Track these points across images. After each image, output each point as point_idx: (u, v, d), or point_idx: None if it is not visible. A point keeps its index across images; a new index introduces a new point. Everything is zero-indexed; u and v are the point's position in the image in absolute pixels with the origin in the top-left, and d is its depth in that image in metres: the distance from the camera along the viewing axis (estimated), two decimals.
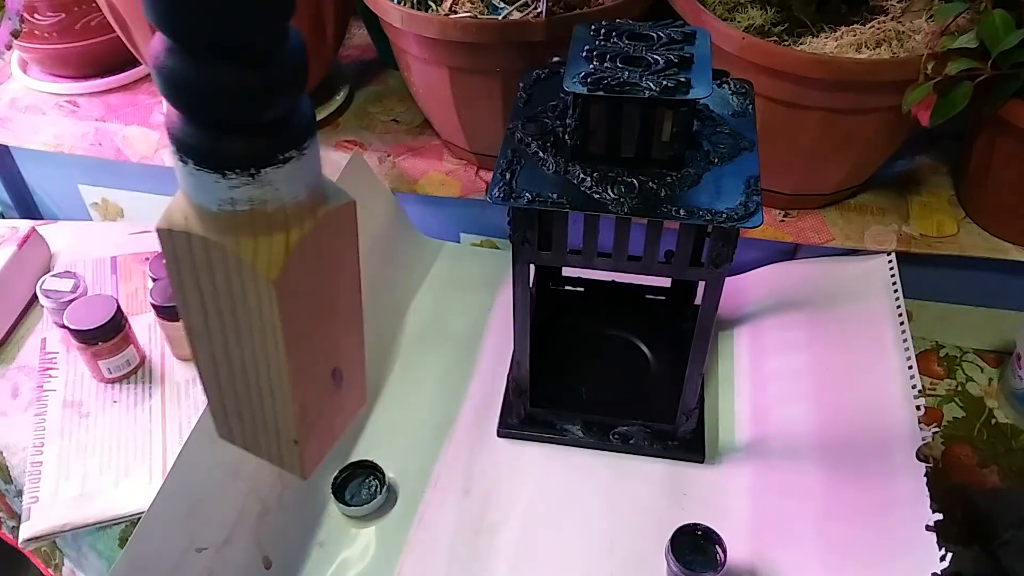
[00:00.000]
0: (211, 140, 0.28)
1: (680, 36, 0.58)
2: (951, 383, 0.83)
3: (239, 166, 0.29)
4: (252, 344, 0.33)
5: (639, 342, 0.83)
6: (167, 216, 0.31)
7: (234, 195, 0.29)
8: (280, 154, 0.29)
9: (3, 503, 0.82)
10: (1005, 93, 0.68)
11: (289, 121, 0.29)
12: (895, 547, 0.60)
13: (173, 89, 0.27)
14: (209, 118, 0.28)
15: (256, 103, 0.28)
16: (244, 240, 0.30)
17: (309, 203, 0.31)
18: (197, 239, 0.30)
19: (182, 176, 0.30)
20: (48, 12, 0.93)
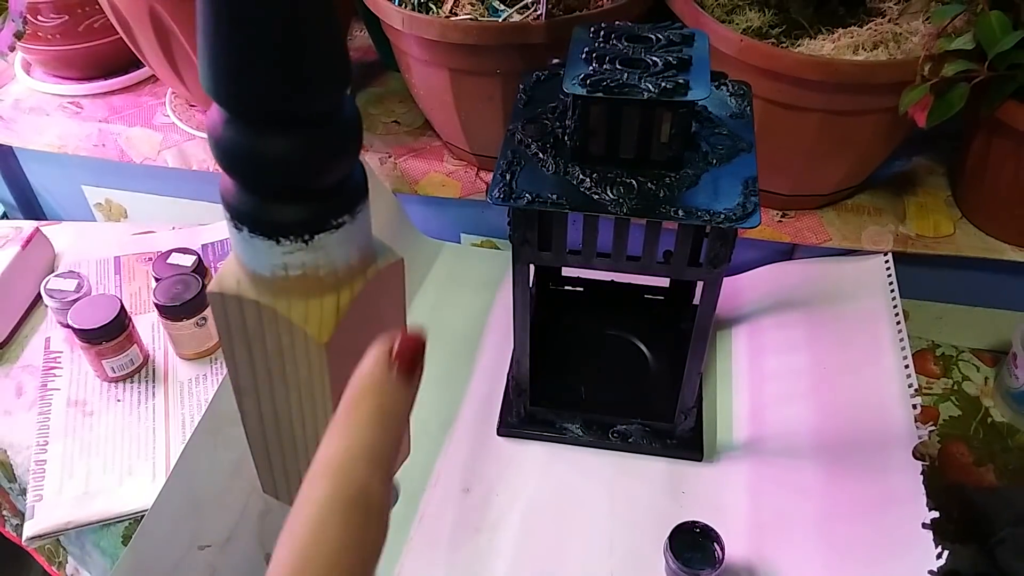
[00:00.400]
0: (266, 208, 0.29)
1: (679, 38, 0.58)
2: (947, 382, 0.83)
3: (293, 233, 0.29)
4: (300, 401, 0.33)
5: (638, 341, 0.84)
6: (219, 280, 0.31)
7: (287, 261, 0.30)
8: (333, 220, 0.29)
9: (7, 501, 0.82)
10: (1001, 94, 0.68)
11: (342, 187, 0.30)
12: (892, 545, 0.61)
13: (229, 159, 0.27)
14: (265, 187, 0.28)
15: (311, 172, 0.28)
16: (296, 303, 0.31)
17: (359, 264, 0.32)
18: (249, 303, 0.31)
19: (236, 242, 0.30)
20: (51, 14, 0.94)
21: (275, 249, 0.29)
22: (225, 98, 0.26)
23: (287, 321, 0.30)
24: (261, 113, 0.26)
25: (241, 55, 0.25)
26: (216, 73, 0.26)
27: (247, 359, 0.33)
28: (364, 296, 0.32)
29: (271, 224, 0.29)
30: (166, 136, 0.97)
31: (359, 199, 0.31)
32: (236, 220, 0.29)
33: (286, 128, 0.27)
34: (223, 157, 0.28)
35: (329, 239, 0.30)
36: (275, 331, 0.31)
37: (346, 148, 0.29)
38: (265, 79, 0.25)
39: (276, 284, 0.30)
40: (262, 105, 0.26)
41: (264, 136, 0.27)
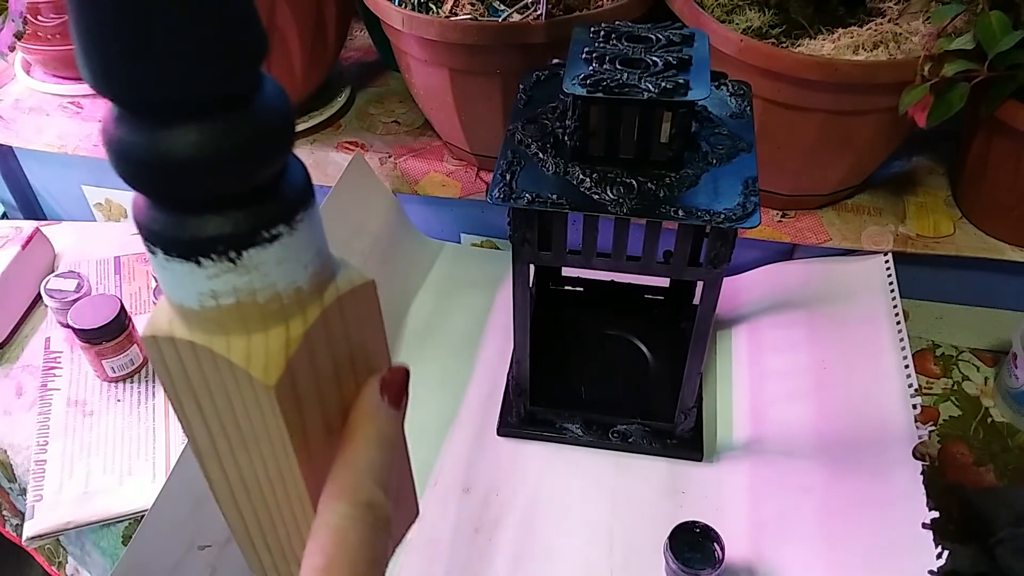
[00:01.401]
0: (179, 223, 0.23)
1: (679, 38, 0.58)
2: (947, 382, 0.83)
3: (214, 250, 0.23)
4: (263, 460, 0.28)
5: (638, 341, 0.84)
6: (151, 322, 0.26)
7: (214, 287, 0.24)
8: (264, 231, 0.24)
9: (7, 501, 0.82)
10: (1002, 94, 0.68)
11: (274, 190, 0.24)
12: (892, 545, 0.61)
13: (126, 164, 0.22)
14: (172, 197, 0.23)
15: (228, 171, 0.22)
16: (236, 340, 0.25)
17: (312, 286, 0.26)
18: (184, 344, 0.25)
19: (156, 270, 0.25)
20: (51, 14, 0.94)
21: (198, 273, 0.24)
22: (109, 87, 0.21)
23: (227, 363, 0.25)
24: (156, 102, 0.21)
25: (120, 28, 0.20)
26: (93, 56, 0.20)
27: (198, 414, 0.28)
28: (323, 326, 0.26)
29: (187, 243, 0.23)
30: None
31: (299, 205, 0.25)
32: (148, 242, 0.24)
33: (190, 118, 0.21)
34: (118, 163, 0.22)
35: (263, 256, 0.24)
36: (218, 376, 0.26)
37: (270, 139, 0.23)
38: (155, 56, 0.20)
39: (209, 318, 0.25)
40: (156, 91, 0.21)
41: (163, 131, 0.21)
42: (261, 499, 0.30)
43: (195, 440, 0.29)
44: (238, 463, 0.29)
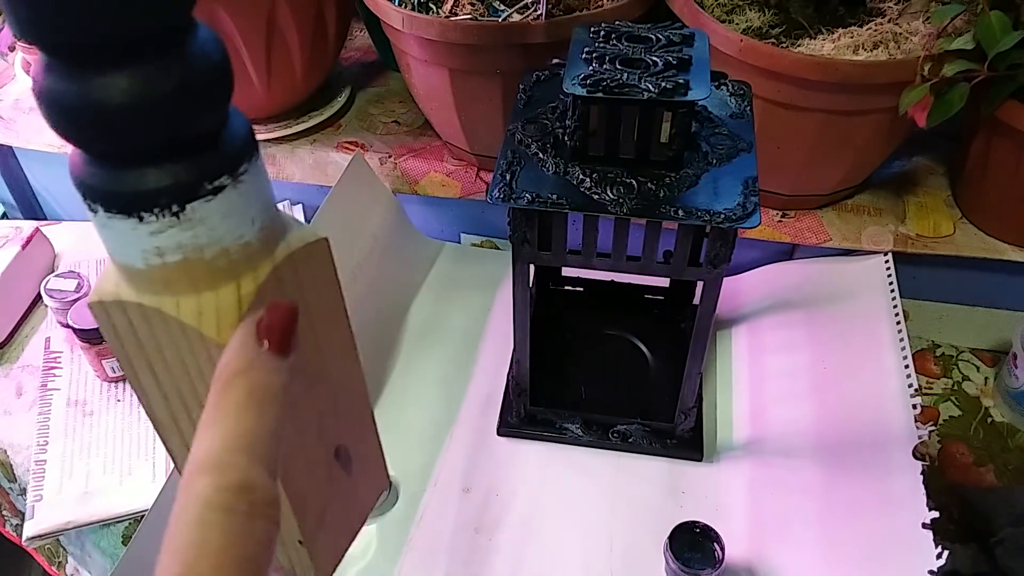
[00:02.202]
0: (117, 176, 0.22)
1: (679, 38, 0.58)
2: (947, 382, 0.83)
3: (156, 204, 0.22)
4: None
5: (638, 341, 0.84)
6: (97, 287, 0.25)
7: (159, 243, 0.23)
8: (206, 183, 0.23)
9: (7, 501, 0.82)
10: (1002, 94, 0.68)
11: (214, 140, 0.23)
12: (892, 545, 0.61)
13: (58, 114, 0.21)
14: (108, 148, 0.22)
15: (162, 117, 0.22)
16: (185, 299, 0.24)
17: (262, 242, 0.25)
18: (132, 307, 0.25)
19: (98, 230, 0.24)
20: None
21: (140, 229, 0.23)
22: (36, 33, 0.20)
23: (178, 323, 0.24)
24: (83, 46, 0.20)
25: None
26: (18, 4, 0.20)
27: (153, 381, 0.27)
28: (275, 283, 0.25)
29: (127, 196, 0.22)
30: None
31: (243, 156, 0.24)
32: (88, 200, 0.23)
33: (119, 62, 0.21)
34: (49, 113, 0.21)
35: (207, 208, 0.23)
36: (169, 339, 0.25)
37: (206, 84, 0.22)
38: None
39: (156, 277, 0.24)
40: (81, 34, 0.20)
41: (93, 77, 0.20)
42: None
43: (152, 409, 0.28)
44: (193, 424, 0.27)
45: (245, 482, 0.21)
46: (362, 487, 0.34)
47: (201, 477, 0.21)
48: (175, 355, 0.25)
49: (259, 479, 0.22)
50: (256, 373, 0.23)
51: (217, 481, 0.21)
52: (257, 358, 0.24)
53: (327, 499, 0.31)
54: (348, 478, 0.32)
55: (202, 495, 0.21)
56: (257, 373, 0.23)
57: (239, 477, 0.21)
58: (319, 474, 0.31)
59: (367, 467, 0.34)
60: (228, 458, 0.22)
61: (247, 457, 0.22)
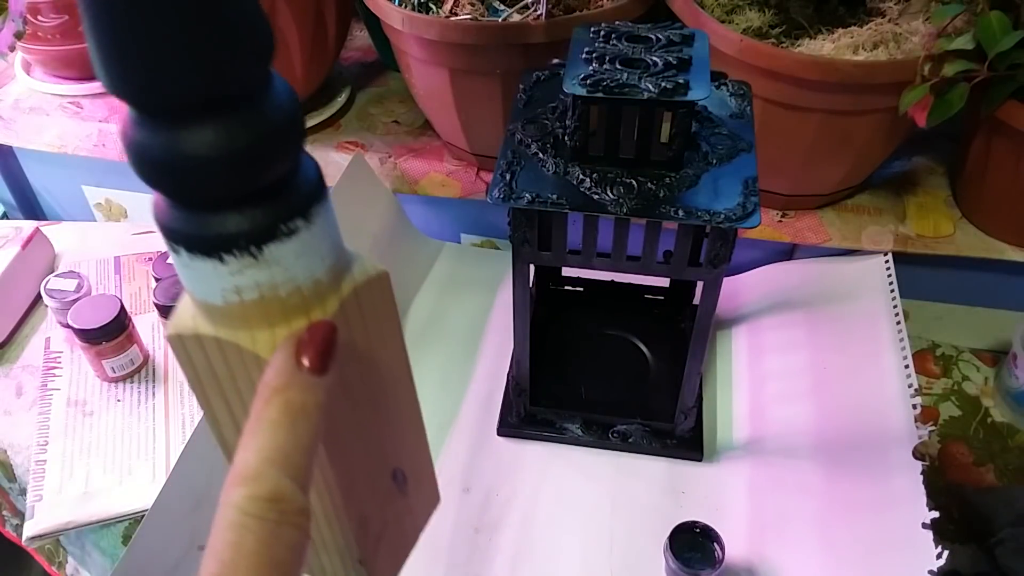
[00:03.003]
0: (200, 221, 0.24)
1: (679, 38, 0.58)
2: (947, 382, 0.83)
3: (237, 246, 0.24)
4: None
5: (638, 341, 0.84)
6: (174, 321, 0.27)
7: (238, 282, 0.25)
8: (283, 225, 0.25)
9: (7, 501, 0.82)
10: (1002, 94, 0.68)
11: (289, 185, 0.25)
12: (892, 544, 0.61)
13: (145, 166, 0.23)
14: (193, 196, 0.24)
15: (243, 168, 0.23)
16: (260, 333, 0.26)
17: (330, 279, 0.27)
18: (209, 340, 0.26)
19: (179, 269, 0.26)
20: (51, 14, 0.94)
21: (221, 270, 0.24)
22: (125, 89, 0.21)
23: (253, 356, 0.26)
24: (175, 102, 0.22)
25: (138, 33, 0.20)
26: (112, 62, 0.21)
27: (224, 407, 0.28)
28: (342, 317, 0.27)
29: (209, 240, 0.24)
30: None
31: (314, 199, 0.25)
32: (171, 241, 0.25)
33: (204, 117, 0.22)
34: (137, 164, 0.23)
35: (283, 250, 0.25)
36: (244, 370, 0.27)
37: (282, 135, 0.24)
38: (172, 57, 0.21)
39: (234, 313, 0.26)
40: (175, 91, 0.21)
41: (180, 131, 0.22)
42: None
43: (222, 432, 0.30)
44: None
45: (276, 493, 0.23)
46: (417, 505, 0.36)
47: (237, 487, 0.23)
48: (248, 386, 0.27)
49: (289, 491, 0.24)
50: (292, 391, 0.25)
51: (250, 491, 0.23)
52: (294, 376, 0.25)
53: (385, 519, 0.33)
54: (404, 498, 0.34)
55: (237, 504, 0.23)
56: (293, 391, 0.25)
57: (270, 488, 0.23)
58: (378, 496, 0.32)
59: (421, 486, 0.36)
60: (262, 470, 0.24)
61: (279, 470, 0.24)
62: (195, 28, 0.21)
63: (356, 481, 0.30)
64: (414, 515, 0.36)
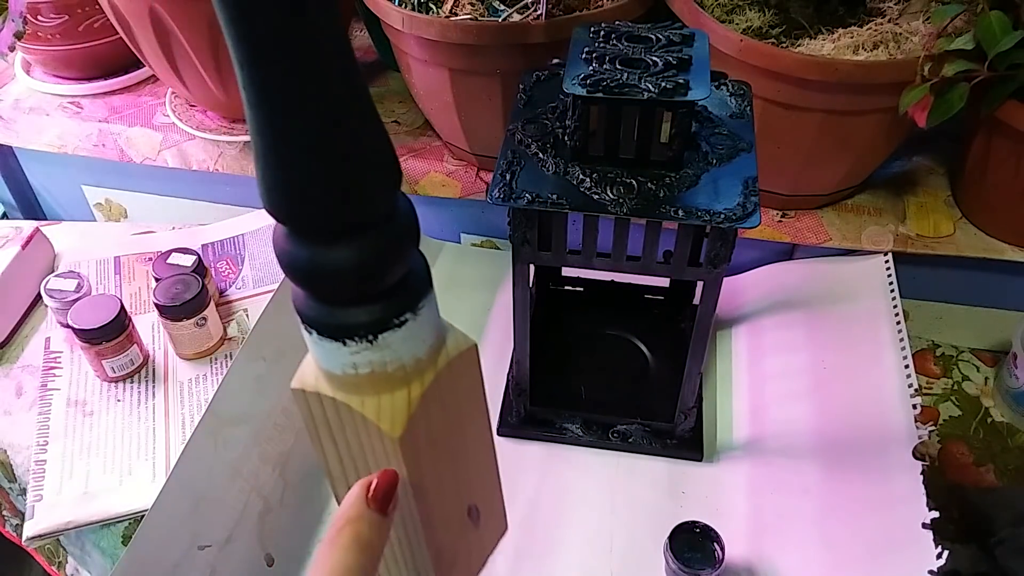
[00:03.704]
0: (331, 313, 0.29)
1: (679, 38, 0.58)
2: (947, 382, 0.83)
3: (358, 335, 0.29)
4: None
5: (638, 341, 0.84)
6: (300, 376, 0.33)
7: (356, 360, 0.30)
8: (396, 319, 0.30)
9: (7, 501, 0.82)
10: (1002, 94, 0.68)
11: (404, 284, 0.30)
12: (892, 545, 0.61)
13: (293, 271, 0.28)
14: (326, 295, 0.29)
15: (373, 276, 0.28)
16: (368, 399, 0.31)
17: (429, 356, 0.32)
18: (327, 399, 0.32)
19: (308, 343, 0.31)
20: (51, 14, 0.94)
21: (343, 350, 0.30)
22: (284, 216, 0.27)
23: (361, 416, 0.31)
24: (320, 227, 0.27)
25: (295, 172, 0.25)
26: (272, 192, 0.26)
27: (334, 450, 0.34)
28: (436, 386, 0.32)
29: (337, 327, 0.30)
30: (166, 136, 0.97)
31: (422, 294, 0.31)
32: (306, 324, 0.30)
33: (346, 238, 0.27)
34: (287, 269, 0.28)
35: (393, 337, 0.30)
36: (353, 425, 0.32)
37: (405, 247, 0.29)
38: (321, 194, 0.26)
39: (348, 381, 0.31)
40: (320, 219, 0.26)
41: (325, 248, 0.27)
42: None
43: (329, 468, 0.35)
44: None
45: None
46: (487, 535, 0.41)
47: None
48: (355, 440, 0.33)
49: None
50: (361, 524, 0.31)
51: None
52: (364, 512, 0.31)
53: (458, 550, 0.38)
54: (476, 530, 0.39)
55: None
56: (361, 524, 0.31)
57: None
58: (454, 530, 0.38)
59: (492, 518, 0.41)
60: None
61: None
62: (345, 170, 0.26)
63: (436, 517, 0.35)
64: (483, 543, 0.41)
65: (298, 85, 0.24)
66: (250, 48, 0.23)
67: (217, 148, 0.96)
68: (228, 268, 0.94)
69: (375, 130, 0.27)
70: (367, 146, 0.26)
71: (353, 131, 0.26)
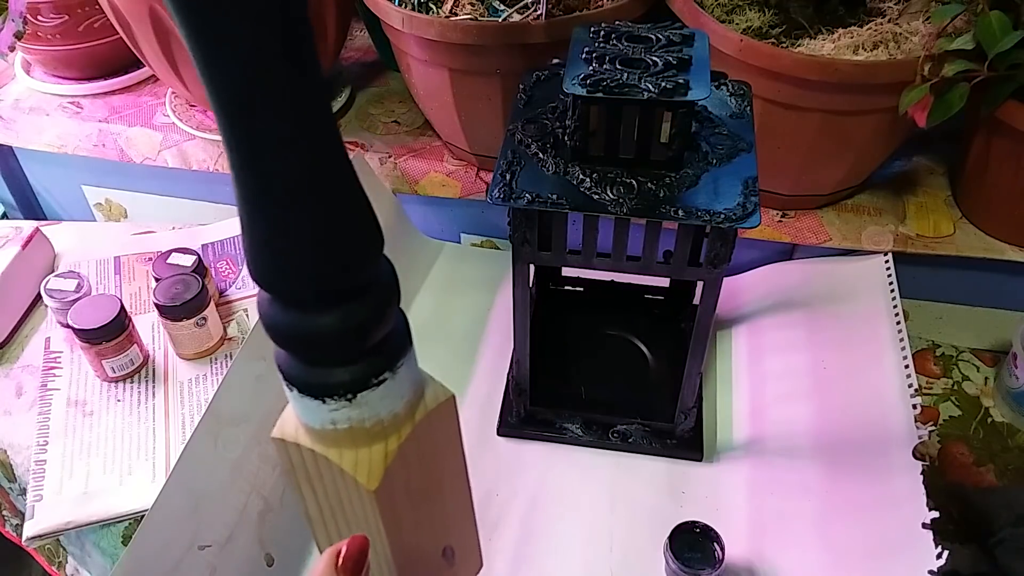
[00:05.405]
0: (311, 372, 0.30)
1: (679, 38, 0.58)
2: (947, 382, 0.83)
3: (337, 394, 0.30)
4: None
5: (638, 341, 0.84)
6: (281, 426, 0.34)
7: (334, 416, 0.31)
8: (374, 378, 0.31)
9: (7, 501, 0.82)
10: (1002, 94, 0.68)
11: (383, 346, 0.31)
12: (892, 545, 0.61)
13: (275, 334, 0.29)
14: (311, 358, 0.30)
15: (354, 340, 0.29)
16: (346, 452, 0.32)
17: (406, 410, 0.33)
18: (307, 451, 0.33)
19: (289, 398, 0.32)
20: (51, 14, 0.94)
21: (322, 407, 0.31)
22: (268, 284, 0.28)
23: (339, 468, 0.32)
24: (304, 295, 0.28)
25: (281, 244, 0.26)
26: (258, 261, 0.27)
27: (313, 497, 0.35)
28: (413, 438, 0.33)
29: (316, 387, 0.31)
30: (166, 136, 0.97)
31: (401, 353, 0.32)
32: (286, 381, 0.31)
33: (328, 305, 0.28)
34: (270, 332, 0.29)
35: (372, 395, 0.31)
36: (331, 476, 0.33)
37: (386, 311, 0.30)
38: (305, 264, 0.27)
39: (327, 435, 0.32)
40: (304, 290, 0.28)
41: (307, 315, 0.28)
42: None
43: (308, 510, 0.36)
44: (340, 532, 0.36)
45: None
46: (461, 573, 0.42)
47: None
48: (333, 489, 0.34)
49: None
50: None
51: None
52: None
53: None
54: (451, 569, 0.40)
55: None
56: None
57: None
58: (429, 571, 0.39)
59: (466, 557, 0.42)
60: None
61: None
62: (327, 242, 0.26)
63: (412, 560, 0.36)
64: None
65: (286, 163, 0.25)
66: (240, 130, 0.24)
67: (217, 148, 0.96)
68: (228, 268, 0.94)
69: (358, 202, 0.27)
70: (349, 218, 0.27)
71: (339, 204, 0.27)
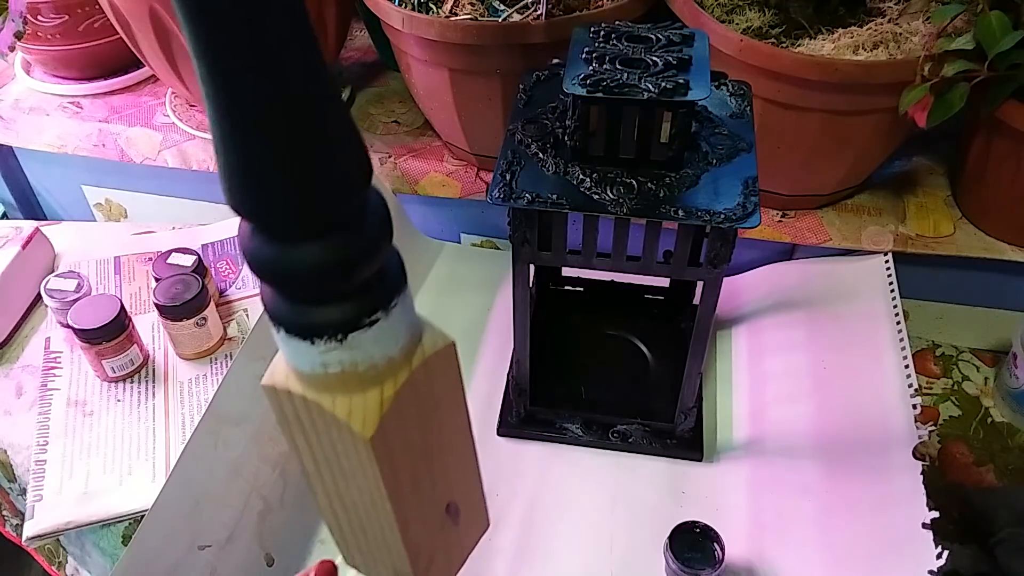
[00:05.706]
0: (299, 311, 0.28)
1: (679, 38, 0.58)
2: (947, 382, 0.83)
3: (325, 333, 0.28)
4: (359, 491, 0.34)
5: (638, 341, 0.84)
6: (271, 372, 0.32)
7: (325, 359, 0.29)
8: (366, 318, 0.29)
9: (7, 501, 0.82)
10: (1002, 94, 0.68)
11: (375, 283, 0.29)
12: (892, 545, 0.61)
13: (259, 269, 0.27)
14: (294, 294, 0.28)
15: (343, 275, 0.27)
16: (339, 399, 0.30)
17: (402, 355, 0.31)
18: (298, 397, 0.31)
19: (277, 342, 0.30)
20: (51, 14, 0.94)
21: (311, 349, 0.29)
22: (248, 212, 0.25)
23: (332, 416, 0.30)
24: (287, 225, 0.25)
25: (258, 168, 0.24)
26: (235, 187, 0.25)
27: (307, 447, 0.33)
28: (411, 386, 0.31)
29: (304, 326, 0.28)
30: (166, 136, 0.97)
31: (394, 293, 0.29)
32: (273, 321, 0.29)
33: (314, 236, 0.26)
34: (253, 267, 0.27)
35: (364, 337, 0.29)
36: (324, 424, 0.31)
37: (376, 245, 0.28)
38: (286, 190, 0.24)
39: (318, 380, 0.30)
40: (287, 217, 0.25)
41: (292, 246, 0.26)
42: (356, 516, 0.35)
43: (304, 464, 0.34)
44: (337, 487, 0.34)
45: None
46: (466, 532, 0.40)
47: None
48: (328, 439, 0.32)
49: None
50: None
51: None
52: None
53: (437, 547, 0.38)
54: (455, 527, 0.39)
55: None
56: None
57: None
58: (432, 527, 0.37)
59: (472, 515, 0.40)
60: None
61: None
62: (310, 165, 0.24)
63: (413, 517, 0.34)
64: (463, 541, 0.40)
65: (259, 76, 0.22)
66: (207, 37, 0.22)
67: None
68: (228, 268, 0.94)
69: (343, 123, 0.25)
70: (335, 140, 0.25)
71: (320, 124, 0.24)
